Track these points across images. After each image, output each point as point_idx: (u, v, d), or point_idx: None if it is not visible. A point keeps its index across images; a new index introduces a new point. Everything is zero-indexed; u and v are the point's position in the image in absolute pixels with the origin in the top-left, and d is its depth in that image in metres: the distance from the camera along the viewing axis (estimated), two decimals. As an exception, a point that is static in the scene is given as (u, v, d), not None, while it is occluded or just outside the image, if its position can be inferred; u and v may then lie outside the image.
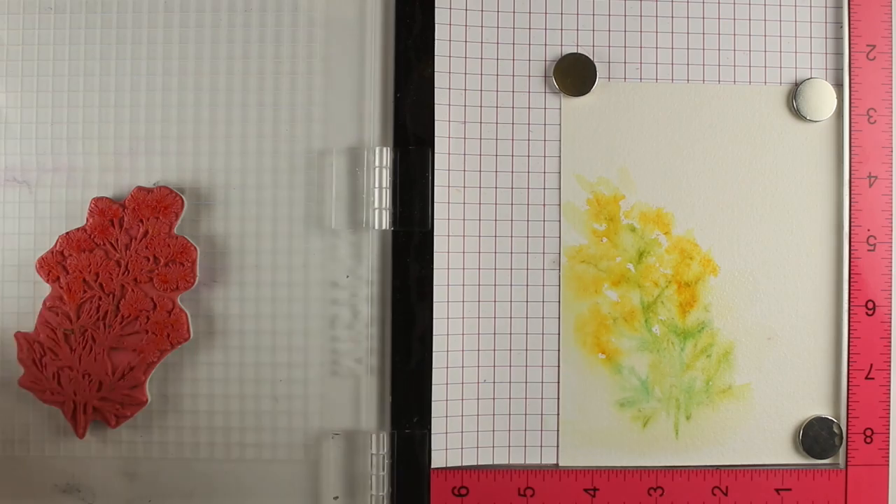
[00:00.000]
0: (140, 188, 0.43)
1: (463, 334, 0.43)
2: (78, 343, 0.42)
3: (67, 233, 0.42)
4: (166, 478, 0.44)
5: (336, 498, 0.43)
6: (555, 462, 0.44)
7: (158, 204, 0.42)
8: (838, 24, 0.44)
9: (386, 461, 0.43)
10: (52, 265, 0.42)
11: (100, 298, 0.42)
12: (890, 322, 0.44)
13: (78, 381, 0.42)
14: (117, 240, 0.42)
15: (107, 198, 0.42)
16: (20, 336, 0.42)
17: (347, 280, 0.44)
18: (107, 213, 0.42)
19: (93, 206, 0.42)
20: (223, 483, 0.44)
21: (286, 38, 0.44)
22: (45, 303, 0.42)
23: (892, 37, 0.44)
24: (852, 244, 0.44)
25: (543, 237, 0.44)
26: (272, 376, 0.44)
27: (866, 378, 0.44)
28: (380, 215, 0.43)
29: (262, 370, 0.44)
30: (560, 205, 0.44)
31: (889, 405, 0.44)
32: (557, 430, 0.44)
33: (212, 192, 0.44)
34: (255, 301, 0.44)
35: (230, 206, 0.43)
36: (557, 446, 0.44)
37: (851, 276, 0.44)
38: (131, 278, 0.42)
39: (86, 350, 0.42)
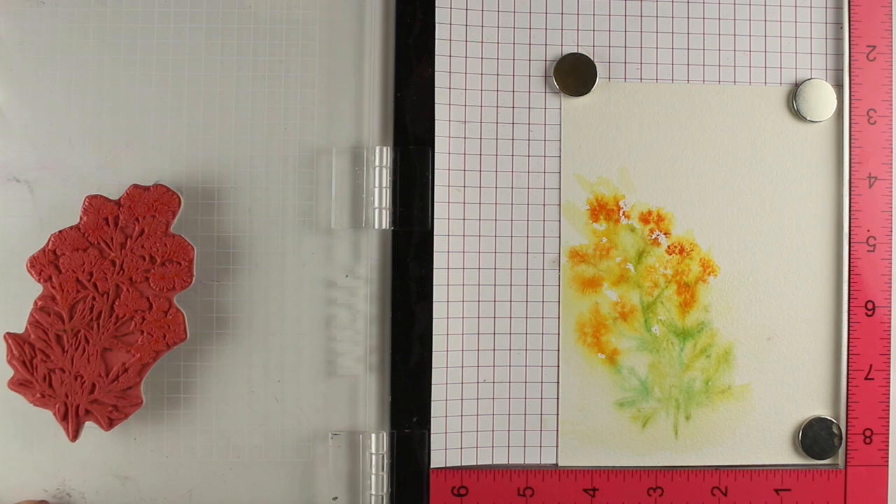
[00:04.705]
0: (136, 186, 0.42)
1: (463, 334, 0.43)
2: (70, 344, 0.41)
3: (60, 231, 0.41)
4: (161, 480, 0.43)
5: (335, 498, 0.43)
6: (554, 462, 0.44)
7: (155, 202, 0.42)
8: (838, 24, 0.45)
9: (385, 461, 0.43)
10: (43, 264, 0.41)
11: (93, 298, 0.41)
12: (889, 322, 0.44)
13: (70, 384, 0.41)
14: (112, 238, 0.42)
15: (101, 196, 0.42)
16: (9, 337, 0.41)
17: (347, 280, 0.43)
18: (101, 211, 0.42)
19: (87, 204, 0.42)
20: (220, 485, 0.43)
21: (286, 37, 0.43)
22: (35, 303, 0.41)
23: (892, 37, 0.44)
24: (852, 245, 0.44)
25: (543, 237, 0.44)
26: (271, 377, 0.43)
27: (866, 378, 0.44)
28: (380, 215, 0.42)
29: (262, 370, 0.43)
30: (560, 205, 0.44)
31: (888, 406, 0.44)
32: (557, 430, 0.44)
33: (210, 192, 0.43)
34: (254, 301, 0.43)
35: (229, 206, 0.43)
36: (557, 446, 0.44)
37: (851, 276, 0.44)
38: (126, 277, 0.41)
39: (78, 351, 0.41)
